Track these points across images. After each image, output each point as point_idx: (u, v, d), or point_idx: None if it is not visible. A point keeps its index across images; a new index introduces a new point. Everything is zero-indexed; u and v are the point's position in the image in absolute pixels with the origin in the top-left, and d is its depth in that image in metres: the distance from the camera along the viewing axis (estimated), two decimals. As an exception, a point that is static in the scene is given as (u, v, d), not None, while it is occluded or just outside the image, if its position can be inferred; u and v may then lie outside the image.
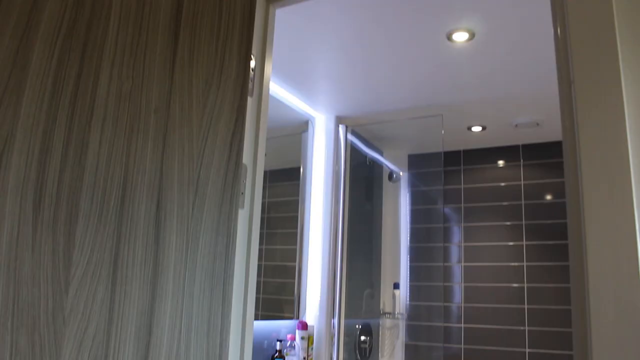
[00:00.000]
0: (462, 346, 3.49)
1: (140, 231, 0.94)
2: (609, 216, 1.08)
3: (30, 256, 0.77)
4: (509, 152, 3.59)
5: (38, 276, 0.78)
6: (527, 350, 3.29)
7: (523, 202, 3.47)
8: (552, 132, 3.28)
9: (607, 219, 1.08)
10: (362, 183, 3.49)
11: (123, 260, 0.91)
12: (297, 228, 2.86)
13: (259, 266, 2.54)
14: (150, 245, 0.96)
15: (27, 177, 0.79)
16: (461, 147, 3.72)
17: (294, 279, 2.80)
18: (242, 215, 1.17)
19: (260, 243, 2.57)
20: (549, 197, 3.39)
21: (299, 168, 2.94)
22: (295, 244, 2.83)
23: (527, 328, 3.31)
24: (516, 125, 3.17)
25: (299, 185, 2.92)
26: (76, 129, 0.88)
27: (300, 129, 2.99)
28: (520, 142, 3.55)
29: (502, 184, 3.55)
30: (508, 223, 3.49)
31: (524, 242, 3.42)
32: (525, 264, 3.39)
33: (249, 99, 1.22)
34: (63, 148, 0.85)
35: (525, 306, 3.34)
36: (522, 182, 3.49)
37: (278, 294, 2.71)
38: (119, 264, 0.90)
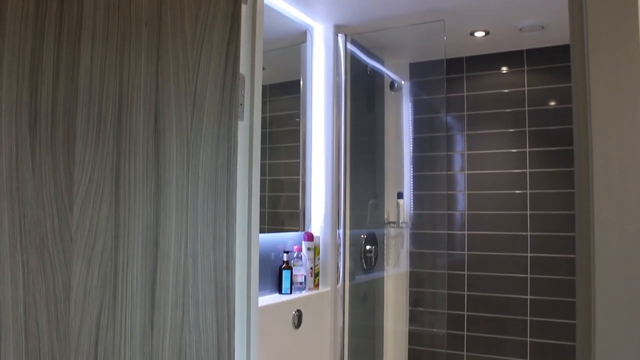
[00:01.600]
0: (466, 252, 3.57)
1: (140, 146, 0.93)
2: (617, 120, 1.06)
3: (32, 177, 0.77)
4: (512, 57, 3.50)
5: (41, 196, 0.78)
6: (529, 254, 3.37)
7: (526, 108, 3.43)
8: (557, 35, 3.18)
9: (615, 124, 1.06)
10: (363, 93, 3.44)
11: (124, 177, 0.90)
12: (299, 141, 2.85)
13: (263, 181, 2.56)
14: (151, 160, 0.95)
15: (20, 97, 0.77)
16: (463, 54, 3.63)
17: (299, 192, 2.82)
18: (242, 126, 1.15)
19: (264, 158, 2.57)
20: (552, 103, 3.35)
21: (299, 81, 2.89)
22: (299, 158, 2.83)
23: (529, 233, 3.38)
24: (520, 29, 3.08)
25: (299, 98, 2.88)
26: (65, 45, 0.84)
27: (299, 39, 2.91)
28: (524, 47, 3.46)
29: (506, 91, 3.50)
30: (511, 130, 3.47)
31: (527, 149, 3.41)
32: (528, 170, 3.40)
33: (243, 7, 1.17)
34: (54, 66, 0.82)
35: (528, 212, 3.39)
36: (526, 88, 3.44)
37: (283, 208, 2.74)
38: (121, 180, 0.90)
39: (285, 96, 2.80)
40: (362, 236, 3.34)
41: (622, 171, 1.05)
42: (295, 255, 2.66)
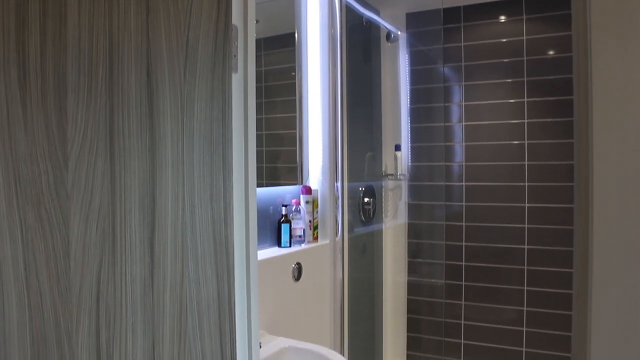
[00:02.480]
0: (464, 203, 3.59)
1: (133, 101, 0.92)
2: (619, 69, 1.04)
3: (24, 134, 0.76)
4: (511, 5, 3.44)
5: (35, 154, 0.77)
6: (527, 205, 3.39)
7: (525, 58, 3.39)
8: (557, -20, 3.12)
9: (617, 72, 1.04)
10: (359, 45, 3.39)
11: (119, 132, 0.89)
12: (295, 95, 2.82)
13: (260, 135, 2.54)
14: (145, 114, 0.94)
15: (7, 53, 0.75)
16: (461, 3, 3.57)
17: (296, 146, 2.81)
18: (236, 79, 1.14)
19: (260, 112, 2.55)
20: (551, 52, 3.30)
21: (294, 33, 2.84)
22: (295, 112, 2.81)
23: (526, 184, 3.39)
24: (519, -25, 3.01)
25: (294, 51, 2.83)
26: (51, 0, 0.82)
27: (292, -10, 2.84)
28: (523, -6, 3.40)
29: (504, 40, 3.45)
30: (509, 80, 3.43)
31: (525, 99, 3.39)
32: (526, 121, 3.39)
33: (234, -45, 1.14)
34: (40, 21, 0.80)
35: (525, 163, 3.39)
36: (525, 38, 3.39)
37: (281, 162, 2.74)
38: (115, 135, 0.89)
39: (280, 49, 2.76)
40: (360, 189, 3.35)
41: (622, 121, 1.04)
42: (293, 208, 2.67)
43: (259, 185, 2.47)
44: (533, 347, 3.40)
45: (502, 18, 3.46)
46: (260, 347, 2.12)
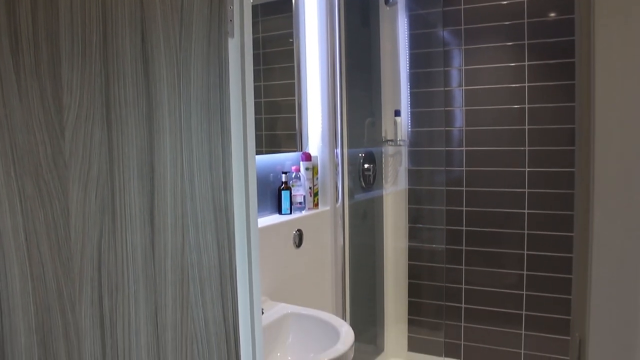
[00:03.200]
0: (464, 169, 3.58)
1: (128, 67, 0.90)
2: (622, 29, 1.02)
3: (19, 104, 0.75)
4: (511, -34, 3.37)
5: (31, 123, 0.76)
6: (527, 169, 3.38)
7: (525, 20, 3.33)
8: (559, -62, 3.05)
9: (620, 33, 1.02)
10: (357, 10, 3.33)
11: (115, 100, 0.88)
12: (294, 62, 2.79)
13: (259, 103, 2.52)
14: (141, 81, 0.93)
15: (-2, 20, 0.73)
16: (461, -36, 3.50)
17: (295, 113, 2.80)
18: (232, 44, 1.12)
19: (259, 80, 2.52)
20: (552, 14, 3.25)
21: (291, -2, 2.79)
22: (294, 78, 2.78)
23: (527, 148, 3.37)
24: None
25: (292, 17, 2.79)
26: (42, -38, 0.80)
27: (289, -47, 2.78)
28: (524, -46, 3.32)
29: (504, 2, 3.39)
30: (510, 43, 3.39)
31: (526, 62, 3.35)
32: (526, 84, 3.36)
33: None
34: (32, -14, 0.78)
35: (526, 127, 3.37)
36: (525, -1, 3.34)
37: (280, 129, 2.72)
38: (111, 103, 0.88)
39: (277, 15, 2.71)
40: (360, 155, 3.34)
41: (624, 82, 1.03)
42: (293, 175, 2.66)
43: (259, 152, 2.46)
44: (533, 310, 3.44)
45: (503, -21, 3.40)
46: (263, 313, 2.14)
